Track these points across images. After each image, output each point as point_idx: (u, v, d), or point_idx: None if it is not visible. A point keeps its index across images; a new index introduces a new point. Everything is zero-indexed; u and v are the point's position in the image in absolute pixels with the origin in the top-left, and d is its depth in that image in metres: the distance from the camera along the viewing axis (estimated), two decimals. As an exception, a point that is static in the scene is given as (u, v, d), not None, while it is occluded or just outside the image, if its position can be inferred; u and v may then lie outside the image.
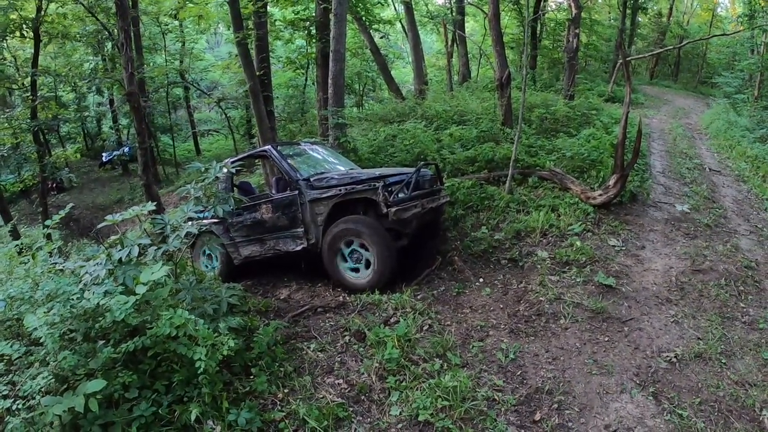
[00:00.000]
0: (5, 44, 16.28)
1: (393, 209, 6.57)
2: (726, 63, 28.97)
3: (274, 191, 7.87)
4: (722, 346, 5.19)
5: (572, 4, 16.82)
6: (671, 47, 28.22)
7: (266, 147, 8.15)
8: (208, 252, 8.36)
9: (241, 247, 7.87)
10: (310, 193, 7.10)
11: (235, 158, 8.52)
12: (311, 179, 7.23)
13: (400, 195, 6.74)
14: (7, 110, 17.59)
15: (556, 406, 4.31)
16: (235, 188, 8.34)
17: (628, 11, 30.00)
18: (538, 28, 25.88)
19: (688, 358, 4.99)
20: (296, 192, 7.24)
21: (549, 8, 28.03)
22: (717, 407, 4.30)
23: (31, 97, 15.69)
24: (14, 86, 17.54)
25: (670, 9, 35.31)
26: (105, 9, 15.99)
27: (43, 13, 14.92)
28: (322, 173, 7.56)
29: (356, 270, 6.94)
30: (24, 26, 14.80)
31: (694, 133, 16.88)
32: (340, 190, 6.90)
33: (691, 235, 8.06)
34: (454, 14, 23.86)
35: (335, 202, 6.95)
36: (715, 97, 24.64)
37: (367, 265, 6.83)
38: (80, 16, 17.09)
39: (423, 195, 7.14)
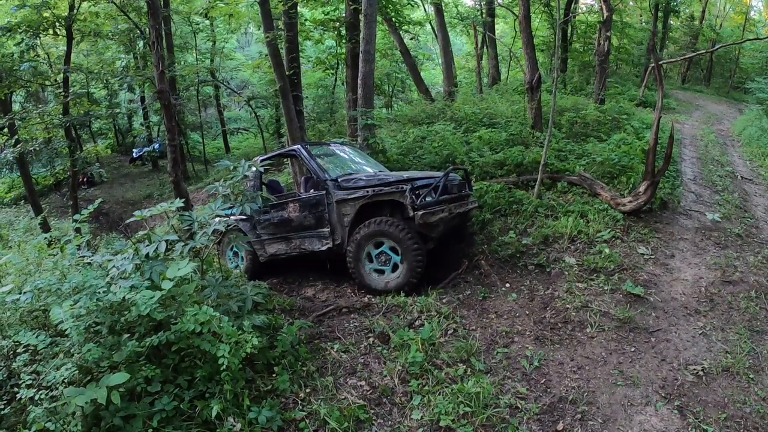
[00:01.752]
0: (39, 41, 16.49)
1: (420, 213, 6.54)
2: (759, 68, 28.47)
3: (302, 190, 7.92)
4: (750, 361, 5.06)
5: (603, 7, 16.63)
6: (703, 51, 27.76)
7: (295, 146, 8.17)
8: (234, 249, 8.42)
9: (267, 244, 7.91)
10: (337, 194, 7.12)
11: (265, 157, 8.58)
12: (339, 180, 7.24)
13: (428, 199, 6.71)
14: (40, 106, 17.93)
15: (579, 416, 4.25)
16: (263, 186, 8.38)
17: (660, 14, 29.64)
18: (569, 31, 25.67)
19: (715, 371, 4.88)
20: (323, 192, 7.26)
21: (580, 10, 27.76)
22: (743, 424, 4.19)
23: (63, 93, 15.92)
24: (47, 82, 17.78)
25: (703, 12, 34.73)
26: (137, 8, 16.16)
27: (75, 11, 15.10)
28: (350, 174, 7.57)
29: (382, 272, 6.90)
30: (57, 24, 14.99)
31: (726, 139, 16.57)
32: (368, 192, 6.89)
33: (722, 244, 7.90)
34: (484, 16, 23.84)
35: (362, 203, 6.94)
36: (748, 103, 24.11)
37: (395, 267, 6.81)
38: (112, 15, 17.27)
39: (451, 200, 7.09)
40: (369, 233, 6.80)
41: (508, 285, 6.98)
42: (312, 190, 7.58)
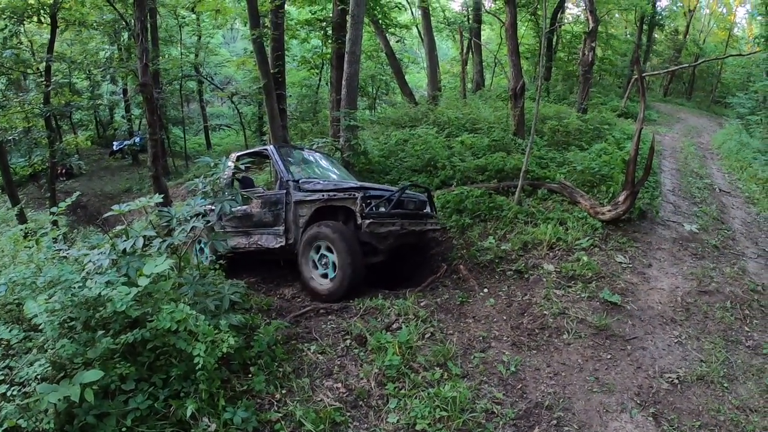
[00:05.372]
0: (22, 28, 16.31)
1: (367, 221, 6.49)
2: (740, 84, 28.84)
3: (275, 188, 7.92)
4: (725, 370, 5.14)
5: (590, 18, 16.81)
6: (686, 65, 28.18)
7: (268, 146, 8.48)
8: (201, 245, 8.37)
9: (230, 237, 7.85)
10: (296, 195, 7.27)
11: (240, 153, 8.59)
12: (300, 181, 7.38)
13: (381, 209, 6.72)
14: (21, 94, 17.67)
15: (555, 422, 4.26)
16: (236, 182, 8.40)
17: (645, 27, 30.08)
18: (554, 40, 25.89)
19: (690, 380, 4.94)
20: (284, 191, 7.40)
21: (566, 20, 27.98)
22: (717, 432, 4.26)
23: (45, 82, 15.75)
24: (29, 71, 17.60)
25: (687, 27, 35.24)
26: (123, -2, 16.06)
27: (61, -1, 14.97)
28: (312, 178, 7.75)
29: (322, 275, 6.92)
30: (41, 11, 14.84)
31: (706, 152, 16.80)
32: (323, 195, 6.97)
33: (699, 255, 7.99)
34: (470, 22, 23.96)
35: (318, 206, 7.03)
36: (728, 118, 24.52)
37: (330, 273, 6.82)
38: (98, 5, 17.14)
39: (406, 215, 7.09)
40: (313, 235, 6.88)
41: (486, 290, 6.99)
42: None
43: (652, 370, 5.10)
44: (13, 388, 3.44)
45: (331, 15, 16.02)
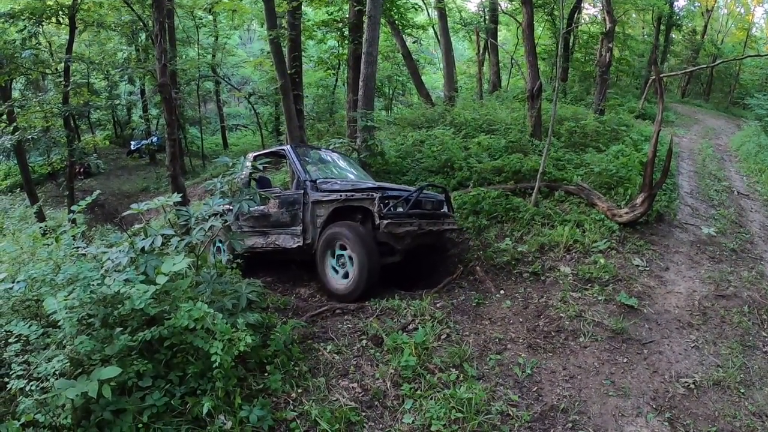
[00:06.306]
0: (41, 29, 16.49)
1: (385, 221, 6.48)
2: (759, 84, 28.59)
3: (292, 188, 7.92)
4: (742, 375, 5.08)
5: (607, 18, 16.68)
6: (704, 66, 27.87)
7: (285, 146, 8.44)
8: (218, 245, 8.41)
9: (247, 236, 7.89)
10: (313, 195, 7.24)
11: (257, 153, 8.59)
12: (317, 181, 7.36)
13: (399, 210, 6.71)
14: (40, 94, 17.90)
15: (570, 425, 4.24)
16: (253, 182, 8.42)
17: (662, 27, 29.84)
18: (571, 40, 25.75)
19: (706, 385, 4.89)
20: (301, 191, 7.39)
21: (583, 21, 27.83)
22: (733, 438, 4.22)
23: (63, 82, 15.93)
24: (48, 71, 17.78)
25: (705, 27, 34.95)
26: (140, 0, 16.19)
27: (79, 0, 15.10)
28: (330, 178, 7.72)
29: (339, 275, 6.91)
30: (60, 13, 15.01)
31: (724, 154, 16.62)
32: (341, 196, 6.95)
33: (716, 259, 7.91)
34: (487, 22, 23.88)
35: (335, 206, 7.01)
36: (746, 119, 24.22)
37: (348, 273, 6.80)
38: (116, 6, 17.30)
39: (424, 215, 7.07)
40: (331, 235, 6.87)
41: (502, 292, 6.97)
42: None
43: (668, 374, 5.05)
44: (31, 383, 3.47)
45: (347, 16, 16.04)
